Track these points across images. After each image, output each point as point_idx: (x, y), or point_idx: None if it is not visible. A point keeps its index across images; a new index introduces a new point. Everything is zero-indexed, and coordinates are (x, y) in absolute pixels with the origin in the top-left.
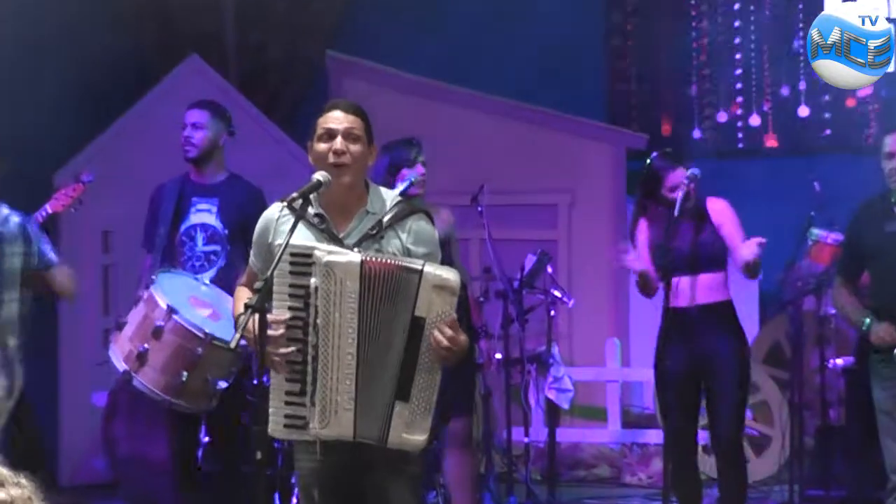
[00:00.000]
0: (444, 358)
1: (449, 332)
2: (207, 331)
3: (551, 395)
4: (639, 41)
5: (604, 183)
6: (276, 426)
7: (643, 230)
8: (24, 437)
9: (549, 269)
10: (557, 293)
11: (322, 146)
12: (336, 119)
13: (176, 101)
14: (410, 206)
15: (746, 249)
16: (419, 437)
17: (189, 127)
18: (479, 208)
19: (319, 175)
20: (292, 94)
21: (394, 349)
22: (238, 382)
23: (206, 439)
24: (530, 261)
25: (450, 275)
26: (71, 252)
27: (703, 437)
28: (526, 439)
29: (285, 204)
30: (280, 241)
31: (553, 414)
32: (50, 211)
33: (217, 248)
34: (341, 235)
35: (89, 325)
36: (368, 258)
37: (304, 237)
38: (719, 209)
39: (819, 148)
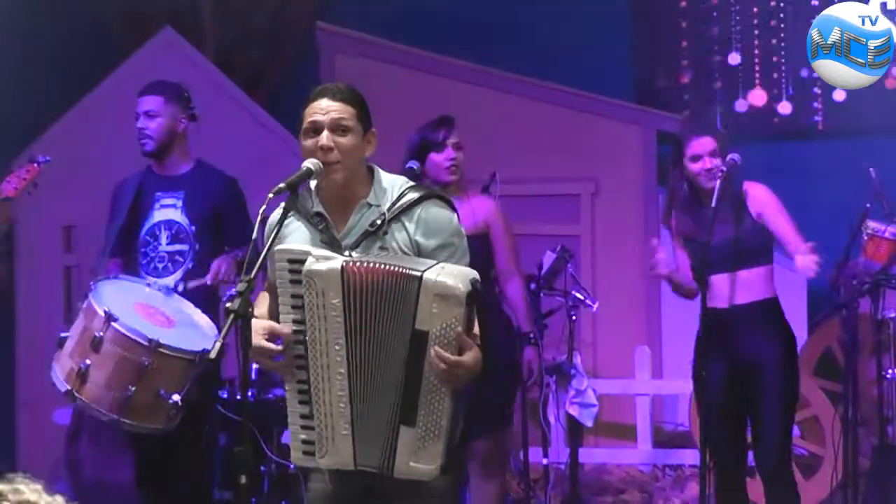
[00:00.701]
0: (447, 381)
1: (448, 355)
2: (151, 337)
3: (573, 411)
4: (668, 14)
5: (632, 170)
6: (296, 452)
7: (667, 227)
8: None
9: (571, 268)
10: (580, 295)
11: (308, 142)
12: (321, 109)
13: (146, 79)
14: (419, 190)
15: (802, 262)
16: (429, 466)
17: (142, 117)
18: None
19: (310, 163)
20: (278, 71)
21: (393, 368)
22: (206, 396)
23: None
24: (549, 258)
25: (455, 281)
26: (27, 250)
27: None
28: (545, 461)
29: (272, 195)
30: (281, 244)
31: (575, 432)
32: (2, 196)
33: (184, 247)
34: (339, 235)
35: (50, 335)
36: (351, 264)
37: (303, 239)
38: (758, 195)
39: (868, 130)
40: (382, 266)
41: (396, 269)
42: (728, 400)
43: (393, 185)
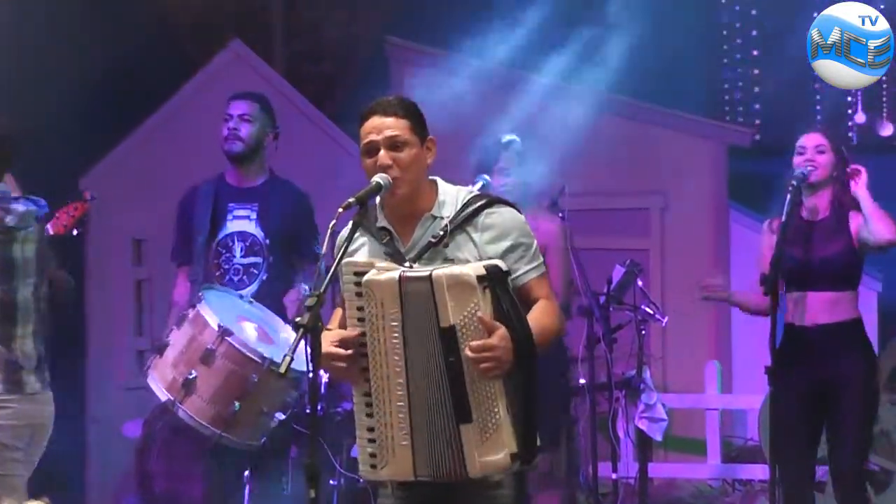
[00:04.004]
0: (485, 369)
1: (474, 342)
2: (266, 355)
3: (642, 426)
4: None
5: (702, 185)
6: (364, 466)
7: (771, 230)
8: None
9: (640, 283)
10: (649, 310)
11: (367, 161)
12: (375, 128)
13: (216, 93)
14: (481, 198)
15: None
16: (499, 456)
17: (235, 119)
18: (560, 213)
19: (379, 177)
20: (348, 84)
21: (438, 371)
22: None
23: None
24: (618, 273)
25: (462, 269)
26: (98, 264)
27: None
28: (614, 475)
29: (342, 209)
30: (345, 258)
31: (645, 446)
32: (51, 232)
33: (258, 259)
34: (405, 249)
35: (120, 347)
36: (407, 274)
37: (369, 254)
38: (860, 220)
39: None
40: (422, 273)
41: (413, 275)
42: (803, 415)
43: (456, 196)
